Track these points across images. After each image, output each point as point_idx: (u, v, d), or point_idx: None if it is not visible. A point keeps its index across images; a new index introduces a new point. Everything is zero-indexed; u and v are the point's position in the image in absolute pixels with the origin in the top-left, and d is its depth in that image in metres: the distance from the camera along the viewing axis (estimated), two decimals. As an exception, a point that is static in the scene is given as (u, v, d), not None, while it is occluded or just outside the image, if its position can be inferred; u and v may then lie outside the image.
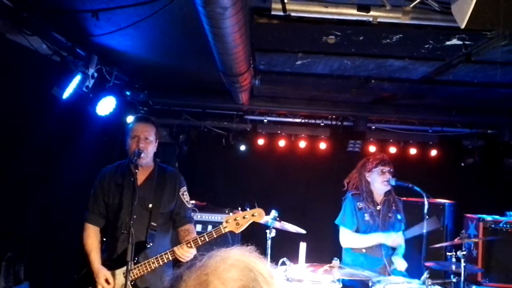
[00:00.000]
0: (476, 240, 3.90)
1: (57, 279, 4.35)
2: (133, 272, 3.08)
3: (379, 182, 4.12)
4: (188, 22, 3.02)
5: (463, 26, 2.19)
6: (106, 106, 4.21)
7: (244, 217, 3.11)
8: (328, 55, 3.64)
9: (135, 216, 3.06)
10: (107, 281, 3.15)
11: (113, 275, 3.18)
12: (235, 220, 3.11)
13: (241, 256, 1.00)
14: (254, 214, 3.13)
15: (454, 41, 3.06)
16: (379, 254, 4.03)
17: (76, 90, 3.66)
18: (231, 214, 3.20)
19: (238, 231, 3.13)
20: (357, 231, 4.13)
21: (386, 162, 4.17)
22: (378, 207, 4.15)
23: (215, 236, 3.11)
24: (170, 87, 5.25)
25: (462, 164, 6.04)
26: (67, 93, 3.60)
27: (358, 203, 4.15)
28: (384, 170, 4.12)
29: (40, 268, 4.62)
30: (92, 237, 3.34)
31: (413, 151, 5.95)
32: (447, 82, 4.20)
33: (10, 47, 3.32)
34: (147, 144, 3.28)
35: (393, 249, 4.15)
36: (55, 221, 4.67)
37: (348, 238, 4.11)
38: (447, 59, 3.52)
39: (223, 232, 3.11)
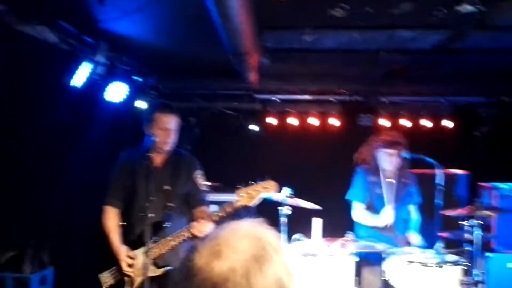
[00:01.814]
0: (488, 213, 3.88)
1: (81, 263, 4.48)
2: (153, 251, 3.14)
3: (386, 162, 4.10)
4: (194, 4, 3.02)
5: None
6: (116, 92, 4.26)
7: (256, 190, 3.12)
8: (336, 29, 3.61)
9: (152, 198, 3.12)
10: (129, 257, 3.24)
11: (133, 256, 3.28)
12: (248, 193, 3.12)
13: (251, 227, 1.05)
14: (266, 187, 3.14)
15: (466, 7, 2.97)
16: (392, 233, 4.06)
17: (86, 78, 3.71)
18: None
19: (251, 204, 3.14)
20: (370, 205, 4.16)
21: (393, 144, 4.04)
22: (391, 181, 4.16)
23: (229, 211, 3.15)
24: (179, 70, 5.26)
25: (476, 134, 5.96)
26: (77, 81, 3.65)
27: (369, 177, 4.16)
28: (390, 153, 4.03)
29: (64, 253, 4.76)
30: (112, 218, 3.42)
31: (426, 122, 5.89)
32: (459, 50, 4.12)
33: (18, 38, 3.36)
34: (174, 134, 3.34)
35: (406, 222, 4.17)
36: (75, 206, 4.78)
37: (359, 213, 4.14)
38: (459, 26, 3.43)
39: (236, 206, 3.13)
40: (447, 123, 5.87)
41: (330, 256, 3.59)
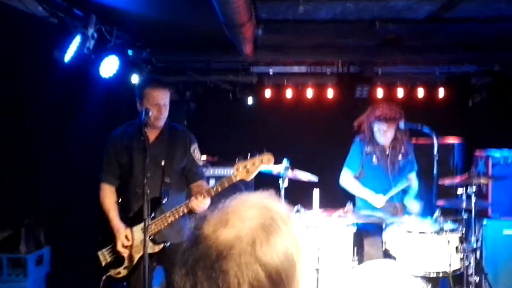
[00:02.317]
0: (483, 181, 3.91)
1: (77, 241, 4.48)
2: (151, 227, 3.13)
3: (378, 137, 4.11)
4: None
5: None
6: (109, 66, 4.17)
7: (253, 164, 3.11)
8: (331, -1, 3.55)
9: (148, 174, 3.09)
10: (126, 237, 3.24)
11: (131, 232, 3.27)
12: (245, 168, 3.11)
13: (260, 198, 1.04)
14: (263, 160, 3.12)
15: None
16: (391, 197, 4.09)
17: (77, 52, 3.62)
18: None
19: (248, 178, 3.14)
20: (363, 174, 4.19)
21: (385, 119, 4.03)
22: (386, 151, 4.18)
23: (226, 185, 3.13)
24: (172, 43, 5.16)
25: (470, 103, 5.99)
26: (68, 55, 3.56)
27: (365, 148, 4.18)
28: (384, 129, 4.05)
29: (60, 232, 4.74)
30: (109, 196, 3.40)
31: (421, 92, 5.90)
32: (452, 19, 4.11)
33: (5, 11, 3.26)
34: (166, 110, 3.29)
35: (404, 191, 4.21)
36: (70, 184, 4.74)
37: (345, 179, 4.21)
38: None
39: (234, 181, 3.13)
40: (442, 93, 5.88)
41: (330, 228, 3.62)
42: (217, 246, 0.94)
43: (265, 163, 3.14)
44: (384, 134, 4.07)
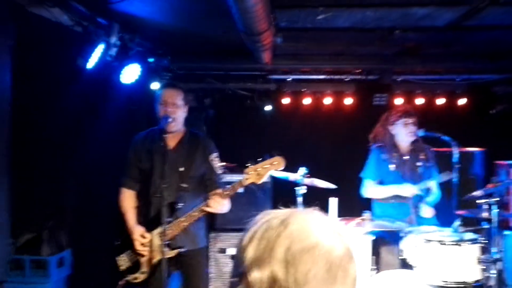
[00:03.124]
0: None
1: (98, 245, 4.54)
2: (166, 232, 3.18)
3: (404, 134, 4.10)
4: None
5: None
6: (130, 74, 4.25)
7: (264, 167, 3.15)
8: (350, 7, 3.56)
9: (167, 180, 3.14)
10: (143, 236, 3.28)
11: (148, 236, 3.31)
12: (256, 171, 3.15)
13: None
14: (274, 163, 3.16)
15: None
16: (408, 201, 4.05)
17: (100, 60, 3.70)
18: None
19: (259, 181, 3.18)
20: (382, 182, 4.16)
21: (409, 114, 4.11)
22: (405, 157, 4.15)
23: (238, 188, 3.21)
24: (193, 51, 5.23)
25: (492, 112, 5.90)
26: (91, 63, 3.65)
27: (382, 155, 4.16)
28: (407, 122, 4.08)
29: (81, 235, 4.82)
30: (128, 199, 3.47)
31: (440, 101, 5.83)
32: (474, 27, 4.06)
33: (32, 20, 3.36)
34: (174, 109, 3.33)
35: (421, 198, 4.16)
36: (92, 189, 4.83)
37: (369, 188, 4.17)
38: (474, 2, 3.39)
39: (245, 184, 3.18)
40: (462, 101, 5.81)
41: (348, 236, 3.60)
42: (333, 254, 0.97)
43: (276, 167, 3.17)
44: (407, 128, 4.06)
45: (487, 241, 3.57)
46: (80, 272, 4.81)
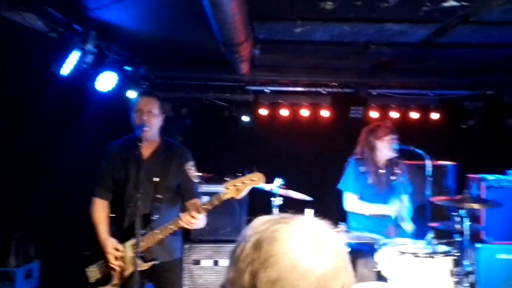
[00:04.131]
0: (476, 206, 3.93)
1: (68, 256, 4.44)
2: (140, 245, 3.11)
3: (388, 149, 4.17)
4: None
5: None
6: (106, 81, 4.20)
7: (243, 182, 3.13)
8: (327, 21, 3.60)
9: (141, 190, 3.09)
10: (116, 250, 3.21)
11: (121, 249, 3.24)
12: (235, 186, 3.12)
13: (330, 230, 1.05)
14: (253, 179, 3.14)
15: (451, 2, 3.02)
16: (384, 217, 4.10)
17: (75, 67, 3.65)
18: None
19: (238, 196, 3.15)
20: (361, 195, 4.19)
21: (395, 131, 4.24)
22: (381, 171, 4.21)
23: (216, 203, 3.15)
24: (171, 60, 5.21)
25: (463, 126, 6.05)
26: (66, 69, 3.59)
27: (360, 168, 4.20)
28: (393, 138, 4.19)
29: (51, 246, 4.70)
30: (100, 210, 3.39)
31: (414, 115, 5.95)
32: (446, 44, 4.17)
33: (5, 25, 3.29)
34: (150, 118, 3.29)
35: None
36: (63, 198, 4.72)
37: (352, 203, 4.18)
38: (445, 21, 3.48)
39: (224, 199, 3.14)
40: (435, 116, 5.94)
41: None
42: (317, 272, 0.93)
43: (255, 183, 3.16)
44: (391, 145, 4.16)
45: (459, 254, 3.62)
46: (49, 284, 4.68)
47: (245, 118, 5.92)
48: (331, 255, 0.95)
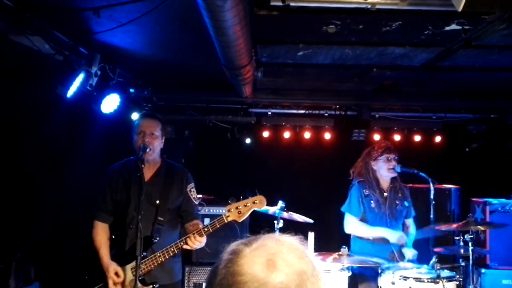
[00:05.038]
0: (481, 228, 3.89)
1: (68, 278, 4.40)
2: (141, 267, 3.08)
3: (385, 170, 4.15)
4: (189, 16, 3.03)
5: (460, 9, 2.19)
6: (110, 103, 4.24)
7: (245, 205, 3.12)
8: (329, 44, 3.64)
9: (142, 212, 3.07)
10: (117, 274, 3.19)
11: (122, 271, 3.21)
12: (237, 209, 3.11)
13: (297, 244, 1.07)
14: (256, 202, 3.13)
15: (453, 26, 3.05)
16: (387, 242, 4.05)
17: (80, 89, 3.69)
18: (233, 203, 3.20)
19: (240, 219, 3.14)
20: (363, 218, 4.16)
21: (391, 150, 4.20)
22: (385, 194, 4.18)
23: (218, 226, 3.13)
24: (174, 83, 5.27)
25: (467, 149, 6.03)
26: (71, 91, 3.63)
27: (364, 190, 4.17)
28: (389, 158, 4.15)
29: (51, 268, 4.66)
30: (101, 234, 3.37)
31: (417, 138, 5.96)
32: (448, 68, 4.19)
33: (12, 48, 3.35)
34: (152, 139, 3.30)
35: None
36: (65, 220, 4.71)
37: (352, 225, 4.14)
38: (447, 44, 3.50)
39: (226, 221, 3.12)
40: (438, 139, 5.94)
41: (325, 271, 3.57)
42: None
43: (258, 206, 3.15)
44: (389, 163, 4.12)
45: (463, 279, 3.56)
46: (49, 306, 4.63)
47: (248, 141, 5.93)
48: (283, 274, 0.98)
